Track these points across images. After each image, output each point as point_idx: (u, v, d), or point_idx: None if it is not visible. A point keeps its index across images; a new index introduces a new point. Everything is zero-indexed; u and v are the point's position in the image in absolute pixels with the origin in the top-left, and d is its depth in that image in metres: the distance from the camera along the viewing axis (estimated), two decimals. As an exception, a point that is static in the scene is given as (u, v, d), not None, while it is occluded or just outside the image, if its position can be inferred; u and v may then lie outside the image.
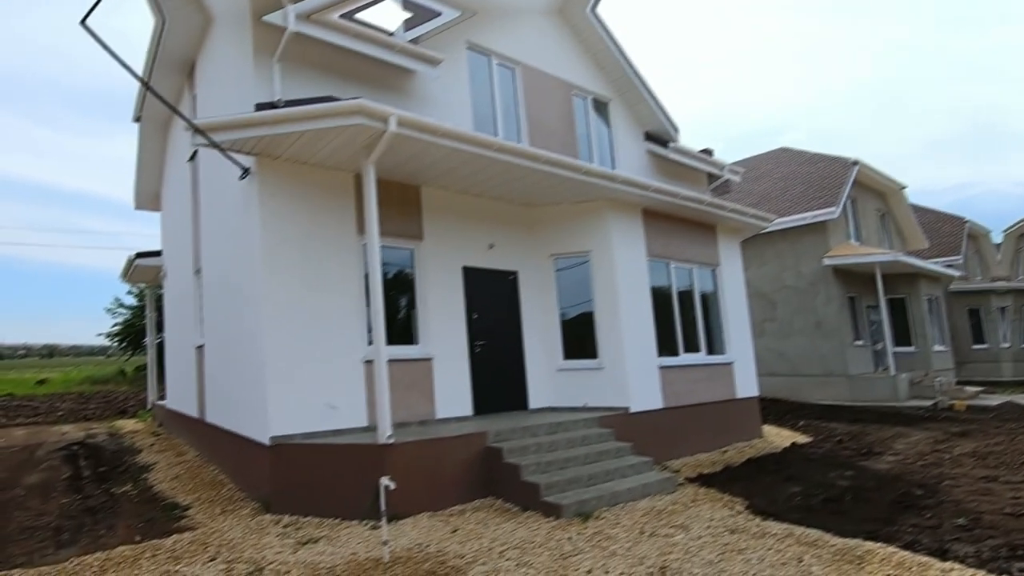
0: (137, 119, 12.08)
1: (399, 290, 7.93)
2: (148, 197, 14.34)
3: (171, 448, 10.41)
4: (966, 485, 7.16)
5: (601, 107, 11.67)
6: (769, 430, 11.57)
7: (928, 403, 15.19)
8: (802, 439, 10.73)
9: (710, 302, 10.67)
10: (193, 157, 9.78)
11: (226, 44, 7.99)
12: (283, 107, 6.48)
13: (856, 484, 7.27)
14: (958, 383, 19.89)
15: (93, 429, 13.39)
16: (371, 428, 6.86)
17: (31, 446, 11.03)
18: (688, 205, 9.55)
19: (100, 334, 29.69)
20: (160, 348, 16.12)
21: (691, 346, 10.01)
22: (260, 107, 6.65)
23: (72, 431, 13.11)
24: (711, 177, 13.34)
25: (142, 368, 27.00)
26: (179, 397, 11.57)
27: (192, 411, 10.09)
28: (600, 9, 11.01)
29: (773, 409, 14.66)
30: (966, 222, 25.84)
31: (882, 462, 8.62)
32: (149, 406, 15.79)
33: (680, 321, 9.82)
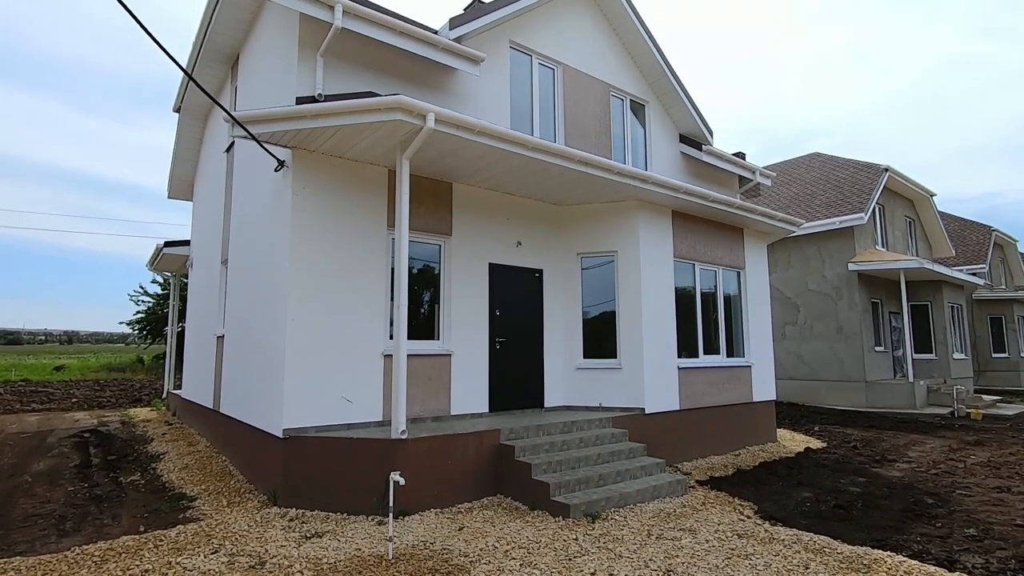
0: (177, 109, 12.29)
1: (424, 285, 7.93)
2: (182, 187, 14.56)
3: (183, 438, 10.50)
4: (978, 495, 7.07)
5: (638, 108, 11.67)
6: (784, 434, 11.45)
7: (945, 411, 14.96)
8: (816, 444, 10.59)
9: (733, 304, 10.60)
10: (230, 148, 9.88)
11: (272, 37, 8.06)
12: (323, 101, 6.53)
13: (867, 491, 7.20)
14: (976, 391, 19.54)
15: (106, 417, 13.57)
16: (385, 423, 6.87)
17: (42, 432, 11.17)
18: (718, 208, 9.49)
19: (122, 322, 30.03)
20: (180, 337, 16.30)
21: (711, 348, 9.95)
22: (301, 101, 6.70)
23: (85, 418, 13.29)
24: (742, 180, 13.25)
25: (160, 357, 27.34)
26: (195, 387, 11.67)
27: (207, 401, 10.18)
28: (639, 7, 10.98)
29: (789, 413, 14.54)
30: (993, 231, 25.47)
31: (895, 469, 8.49)
32: (164, 395, 15.97)
33: (702, 323, 9.77)
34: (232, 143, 9.56)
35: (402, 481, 5.03)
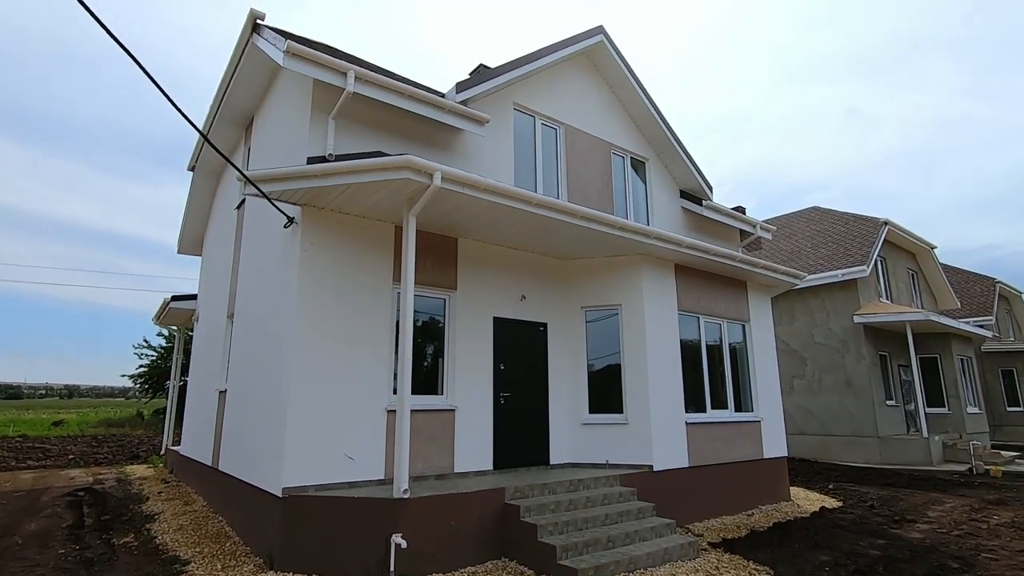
0: (192, 168, 12.63)
1: (428, 338, 7.89)
2: (192, 242, 14.78)
3: (179, 497, 10.23)
4: (1004, 559, 6.77)
5: (638, 166, 11.97)
6: (797, 492, 11.09)
7: (963, 468, 14.53)
8: (831, 503, 10.23)
9: (739, 358, 10.48)
10: (240, 205, 10.08)
11: (286, 101, 8.39)
12: (333, 161, 6.72)
13: (888, 554, 6.89)
14: (993, 447, 19.04)
15: (102, 474, 13.28)
16: (387, 481, 6.71)
17: (36, 491, 10.91)
18: (720, 261, 9.54)
19: (123, 375, 29.87)
20: (182, 392, 16.14)
21: (719, 402, 9.77)
22: (312, 160, 6.90)
23: (80, 476, 13.01)
24: (743, 234, 13.39)
25: (160, 411, 27.01)
26: (194, 443, 11.47)
27: (206, 458, 9.97)
28: (638, 71, 11.50)
29: (801, 470, 14.15)
30: (997, 282, 25.41)
31: (915, 531, 8.16)
32: (162, 451, 15.68)
33: (708, 377, 9.64)
34: (243, 200, 9.75)
35: (404, 544, 4.87)
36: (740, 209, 13.06)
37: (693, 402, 9.23)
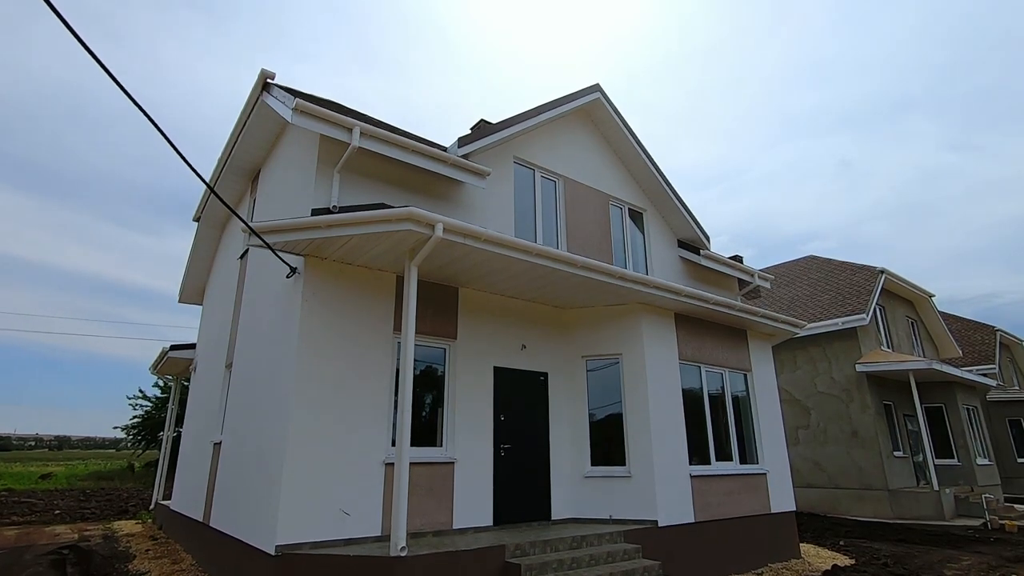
0: (197, 218, 12.83)
1: (427, 388, 7.80)
2: (193, 291, 14.80)
3: (168, 555, 9.86)
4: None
5: (636, 216, 12.18)
6: (807, 549, 10.72)
7: (977, 522, 14.12)
8: (843, 561, 9.87)
9: (742, 408, 10.33)
10: (243, 255, 10.15)
11: (292, 154, 8.60)
12: (337, 212, 6.83)
13: (910, 617, 6.57)
14: (1007, 500, 18.55)
15: (88, 531, 12.84)
16: (384, 537, 6.50)
17: (19, 549, 10.50)
18: (720, 310, 9.55)
19: (116, 427, 29.27)
20: (175, 444, 15.78)
21: (723, 454, 9.58)
22: (316, 212, 7.02)
23: (66, 532, 12.56)
24: (742, 283, 13.48)
25: (152, 464, 26.38)
26: (185, 498, 11.15)
27: (197, 514, 9.68)
28: (635, 126, 11.87)
29: (810, 525, 13.72)
30: (997, 331, 25.34)
31: (935, 591, 7.84)
32: (152, 506, 15.23)
33: (712, 428, 9.49)
34: (246, 250, 9.82)
35: (402, 606, 4.66)
36: (738, 258, 13.17)
37: (697, 454, 9.05)
